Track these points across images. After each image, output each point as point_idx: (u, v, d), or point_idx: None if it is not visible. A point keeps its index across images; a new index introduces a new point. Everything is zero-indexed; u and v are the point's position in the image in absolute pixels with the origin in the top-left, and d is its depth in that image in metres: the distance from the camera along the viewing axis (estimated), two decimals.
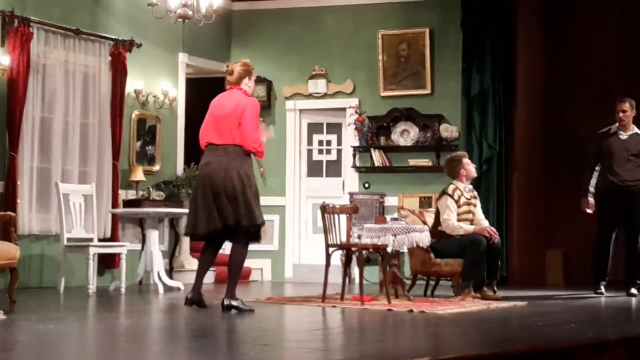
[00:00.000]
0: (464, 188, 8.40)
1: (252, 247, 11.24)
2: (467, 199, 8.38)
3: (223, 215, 6.46)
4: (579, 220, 9.93)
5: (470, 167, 8.48)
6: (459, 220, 8.24)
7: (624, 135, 8.77)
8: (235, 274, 6.63)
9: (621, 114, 8.76)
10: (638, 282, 8.62)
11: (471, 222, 8.34)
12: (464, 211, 8.32)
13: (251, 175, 6.55)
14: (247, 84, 6.73)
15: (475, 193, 8.58)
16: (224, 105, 6.64)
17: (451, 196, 8.29)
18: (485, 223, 8.41)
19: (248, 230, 6.57)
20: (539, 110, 11.32)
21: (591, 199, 8.83)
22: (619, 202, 8.68)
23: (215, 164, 6.50)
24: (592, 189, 8.86)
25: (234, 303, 6.53)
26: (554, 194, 11.05)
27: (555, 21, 11.33)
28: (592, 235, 8.91)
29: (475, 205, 8.46)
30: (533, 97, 11.23)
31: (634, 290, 8.55)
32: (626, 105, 8.76)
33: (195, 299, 6.68)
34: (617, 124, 8.80)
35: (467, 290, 7.93)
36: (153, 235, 9.11)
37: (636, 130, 8.81)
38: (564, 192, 10.74)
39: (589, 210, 8.85)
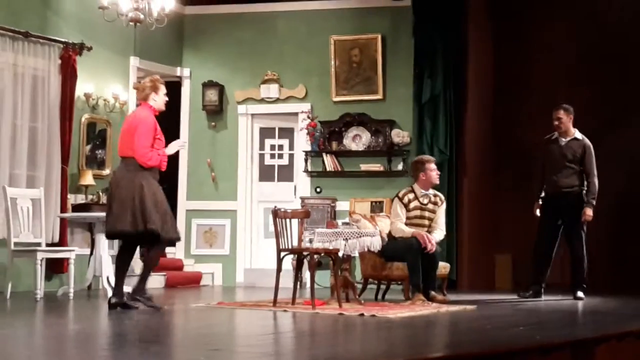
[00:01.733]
0: (420, 193, 8.40)
1: (203, 251, 11.45)
2: (421, 204, 8.37)
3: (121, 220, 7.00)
4: (527, 225, 10.05)
5: (431, 173, 8.39)
6: (407, 224, 8.26)
7: (563, 142, 8.90)
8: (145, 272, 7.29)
9: (556, 122, 8.89)
10: (584, 285, 8.75)
11: (429, 228, 8.35)
12: (414, 215, 8.34)
13: (147, 185, 7.00)
14: (154, 99, 7.20)
15: (439, 199, 8.49)
16: (126, 121, 7.37)
17: (400, 199, 8.32)
18: (438, 231, 8.36)
19: (153, 235, 7.01)
20: (489, 117, 11.46)
21: (540, 202, 8.97)
22: (557, 209, 8.79)
23: (116, 173, 7.23)
24: (543, 194, 9.00)
25: (137, 296, 7.13)
26: (504, 199, 11.18)
27: (506, 29, 11.47)
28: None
29: (434, 212, 8.44)
30: (483, 103, 11.36)
31: (580, 294, 8.67)
32: (560, 113, 8.88)
33: (119, 302, 7.07)
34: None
35: (416, 294, 7.97)
36: (102, 240, 9.01)
37: (576, 135, 8.91)
38: (513, 197, 10.88)
39: (538, 213, 8.98)
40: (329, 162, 11.15)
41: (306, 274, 9.39)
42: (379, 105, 11.15)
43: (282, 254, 7.57)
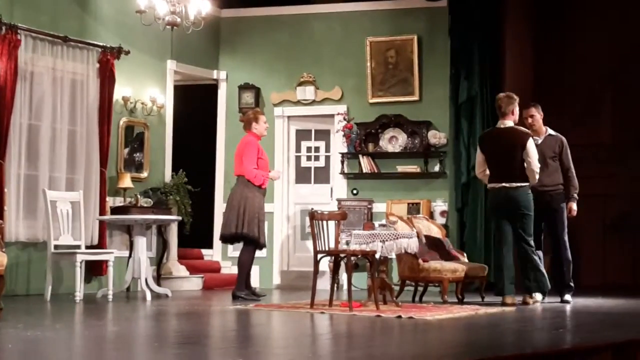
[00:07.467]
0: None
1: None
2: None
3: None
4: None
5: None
6: None
7: (538, 140, 8.71)
8: (239, 272, 8.91)
9: (530, 120, 8.75)
10: (572, 286, 8.55)
11: None
12: None
13: (251, 197, 8.84)
14: (255, 127, 9.08)
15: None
16: (237, 147, 9.14)
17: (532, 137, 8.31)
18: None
19: (245, 238, 8.87)
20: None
21: None
22: (540, 208, 8.55)
23: (232, 188, 9.12)
24: None
25: (237, 293, 8.66)
26: None
27: (544, 29, 11.38)
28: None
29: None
30: (521, 104, 11.22)
31: (568, 297, 8.46)
32: (532, 110, 8.75)
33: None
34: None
35: (505, 296, 8.00)
36: (141, 242, 9.09)
37: (549, 132, 8.77)
38: None
39: None
40: (366, 164, 11.13)
41: (343, 276, 9.38)
42: (415, 107, 11.11)
43: (319, 256, 7.58)
